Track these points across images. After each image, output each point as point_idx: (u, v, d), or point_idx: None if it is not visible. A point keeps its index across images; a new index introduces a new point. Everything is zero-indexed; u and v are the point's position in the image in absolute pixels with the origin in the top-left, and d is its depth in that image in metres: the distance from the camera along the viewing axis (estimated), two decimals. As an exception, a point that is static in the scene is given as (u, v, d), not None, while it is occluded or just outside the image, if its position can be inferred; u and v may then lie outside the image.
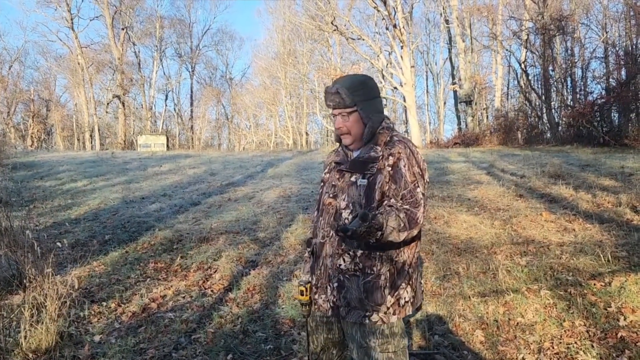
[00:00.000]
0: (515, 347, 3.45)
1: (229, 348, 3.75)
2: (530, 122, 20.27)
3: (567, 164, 10.12)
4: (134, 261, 5.98)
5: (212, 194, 9.74)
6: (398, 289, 2.08)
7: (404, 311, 2.10)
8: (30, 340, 3.66)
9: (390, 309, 2.06)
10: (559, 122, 19.22)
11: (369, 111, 2.14)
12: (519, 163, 10.94)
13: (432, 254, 5.46)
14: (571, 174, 8.89)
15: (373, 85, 2.21)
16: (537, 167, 9.86)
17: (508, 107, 25.41)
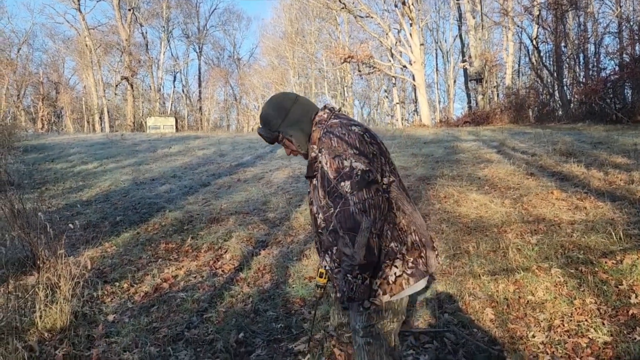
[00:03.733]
0: (526, 325, 3.45)
1: (240, 327, 3.80)
2: (541, 99, 19.97)
3: (579, 142, 10.00)
4: (145, 242, 6.03)
5: (221, 175, 9.76)
6: (382, 269, 1.98)
7: (397, 287, 1.99)
8: (45, 319, 3.72)
9: (378, 290, 1.99)
10: (571, 100, 18.93)
11: (291, 128, 2.15)
12: (530, 141, 10.82)
13: (441, 233, 5.45)
14: (583, 152, 8.78)
15: (279, 105, 2.18)
16: (548, 145, 9.74)
17: (519, 85, 25.07)
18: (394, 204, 2.00)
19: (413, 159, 9.68)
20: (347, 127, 2.03)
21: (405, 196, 2.10)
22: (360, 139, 1.99)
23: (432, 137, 13.14)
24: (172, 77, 43.86)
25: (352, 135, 1.99)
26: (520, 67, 28.94)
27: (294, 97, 2.21)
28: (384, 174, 2.02)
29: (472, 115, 20.73)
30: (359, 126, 2.07)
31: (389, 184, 2.03)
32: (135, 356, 3.37)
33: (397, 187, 2.05)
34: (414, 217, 2.07)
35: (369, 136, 2.04)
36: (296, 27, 35.89)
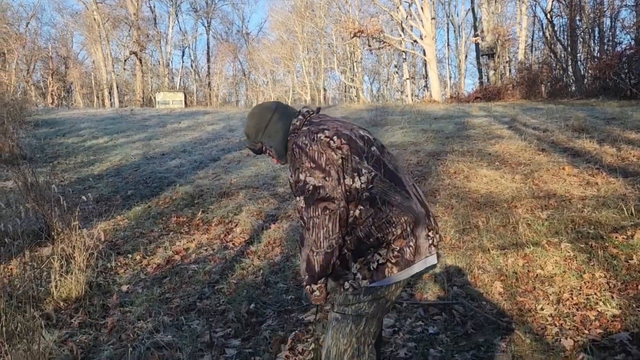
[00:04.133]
0: (534, 298, 3.47)
1: (251, 298, 3.86)
2: (554, 74, 19.66)
3: (592, 118, 9.87)
4: (156, 215, 6.10)
5: (231, 150, 9.78)
6: (364, 255, 1.95)
7: (379, 274, 1.94)
8: (60, 289, 3.80)
9: (358, 274, 1.96)
10: (585, 75, 18.61)
11: (270, 140, 2.17)
12: (542, 117, 10.70)
13: (451, 208, 5.46)
14: (596, 128, 8.68)
15: (258, 118, 2.19)
16: (560, 120, 9.63)
17: (532, 60, 24.66)
18: (378, 199, 1.93)
19: (423, 135, 9.63)
20: (311, 136, 1.99)
21: (394, 185, 2.00)
22: (323, 148, 1.94)
23: (443, 112, 13.03)
24: (181, 52, 43.67)
25: (313, 146, 1.95)
26: (533, 41, 28.40)
27: (272, 107, 2.21)
28: (360, 173, 1.94)
29: (483, 90, 20.48)
30: (328, 130, 2.00)
31: (370, 180, 1.95)
32: (149, 325, 3.44)
33: (381, 179, 1.97)
34: (406, 205, 1.97)
35: (337, 139, 1.97)
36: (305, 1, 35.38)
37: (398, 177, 2.05)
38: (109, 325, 3.51)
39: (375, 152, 2.05)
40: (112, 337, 3.35)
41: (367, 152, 2.02)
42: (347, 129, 2.05)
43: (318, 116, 2.18)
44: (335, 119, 2.19)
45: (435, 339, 3.16)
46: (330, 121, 2.12)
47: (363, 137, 2.07)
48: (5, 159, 8.85)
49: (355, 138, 2.03)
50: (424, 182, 6.52)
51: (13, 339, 2.85)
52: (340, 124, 2.09)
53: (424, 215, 2.03)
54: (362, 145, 2.02)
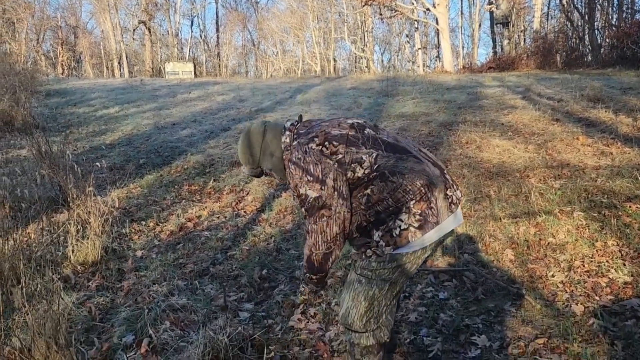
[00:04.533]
0: (545, 265, 3.49)
1: (263, 264, 3.91)
2: (570, 44, 19.25)
3: (608, 87, 9.70)
4: (168, 184, 6.16)
5: (241, 120, 9.77)
6: (386, 223, 1.96)
7: (402, 240, 1.93)
8: (77, 254, 3.88)
9: (381, 241, 1.95)
10: (602, 44, 18.19)
11: (268, 162, 2.20)
12: (557, 87, 10.54)
13: (462, 178, 5.44)
14: (612, 98, 8.53)
15: (250, 143, 2.20)
16: (575, 90, 9.47)
17: (547, 29, 24.12)
18: (387, 173, 1.92)
19: (435, 105, 9.53)
20: (303, 149, 1.99)
21: (399, 155, 1.98)
22: (317, 159, 1.95)
23: (455, 83, 12.86)
24: (190, 21, 43.25)
25: (307, 158, 1.97)
26: (549, 9, 27.70)
27: (261, 129, 2.20)
28: (360, 161, 1.94)
29: (497, 60, 20.13)
30: (317, 137, 2.00)
31: (374, 161, 1.95)
32: (164, 288, 3.51)
33: (384, 155, 1.96)
34: (418, 170, 1.96)
35: (329, 145, 1.97)
36: (316, -32, 34.70)
37: (401, 147, 2.03)
38: (125, 288, 3.58)
39: (369, 133, 2.04)
40: (129, 299, 3.42)
41: (362, 138, 2.01)
42: (335, 128, 2.04)
43: (303, 125, 2.16)
44: (321, 120, 2.17)
45: (445, 304, 3.20)
46: (316, 126, 2.10)
47: (353, 125, 2.06)
48: (18, 127, 8.92)
49: (346, 131, 2.02)
50: (435, 152, 6.49)
51: (33, 300, 2.93)
52: (327, 124, 2.08)
53: (438, 175, 2.00)
54: (354, 134, 2.01)
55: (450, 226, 2.03)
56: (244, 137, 2.23)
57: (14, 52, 24.65)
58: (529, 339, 2.75)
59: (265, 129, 2.18)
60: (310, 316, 3.14)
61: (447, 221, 1.99)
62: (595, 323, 2.76)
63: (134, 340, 2.89)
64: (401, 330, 2.94)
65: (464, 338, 2.82)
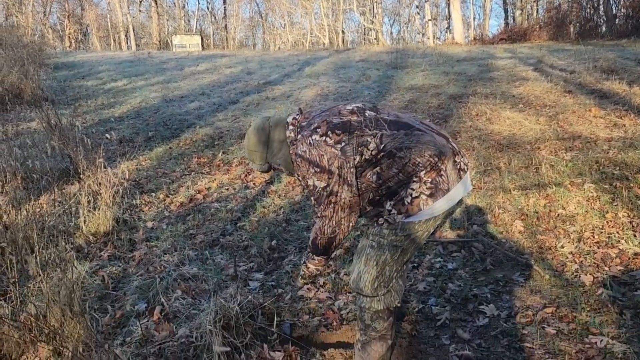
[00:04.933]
0: (555, 237, 3.48)
1: (272, 235, 3.94)
2: (584, 14, 18.78)
3: (622, 59, 9.51)
4: (177, 156, 6.17)
5: (249, 93, 9.72)
6: (397, 193, 1.98)
7: (414, 208, 1.95)
8: (89, 224, 3.93)
9: (393, 210, 1.98)
10: (617, 14, 17.76)
11: (276, 157, 2.22)
12: (570, 58, 10.35)
13: (472, 150, 5.40)
14: (625, 69, 8.37)
15: (256, 140, 2.21)
16: (589, 62, 9.30)
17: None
18: (394, 150, 1.94)
19: (445, 77, 9.42)
20: (307, 141, 2.01)
21: (403, 130, 1.99)
22: (322, 149, 1.97)
23: (466, 55, 12.66)
24: (196, -8, 42.52)
25: (312, 151, 1.99)
26: (563, -21, 27.01)
27: (267, 125, 2.20)
28: (366, 143, 1.96)
29: (508, 32, 19.77)
30: (320, 127, 2.01)
31: (379, 141, 1.96)
32: (175, 258, 3.55)
33: (388, 134, 1.97)
34: (424, 141, 1.97)
35: (332, 134, 1.98)
36: (324, -63, 33.93)
37: (403, 122, 2.04)
38: (136, 258, 3.63)
39: (370, 115, 2.05)
40: (140, 269, 3.47)
41: (364, 121, 2.02)
42: (335, 116, 2.05)
43: (304, 117, 2.17)
44: (322, 110, 2.17)
45: (454, 274, 3.21)
46: (317, 116, 2.11)
47: (353, 111, 2.07)
48: (27, 100, 8.93)
49: (347, 118, 2.03)
50: (445, 124, 6.44)
51: (47, 269, 2.98)
52: (327, 114, 2.08)
53: (445, 143, 2.02)
54: (356, 119, 2.02)
55: (461, 193, 2.04)
56: (249, 135, 2.25)
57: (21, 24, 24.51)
58: (537, 308, 2.76)
59: (270, 125, 2.20)
60: (320, 285, 3.17)
61: (457, 188, 2.01)
62: (604, 293, 2.77)
63: (146, 308, 2.94)
64: (410, 300, 2.97)
65: (472, 307, 2.85)
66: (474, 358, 2.40)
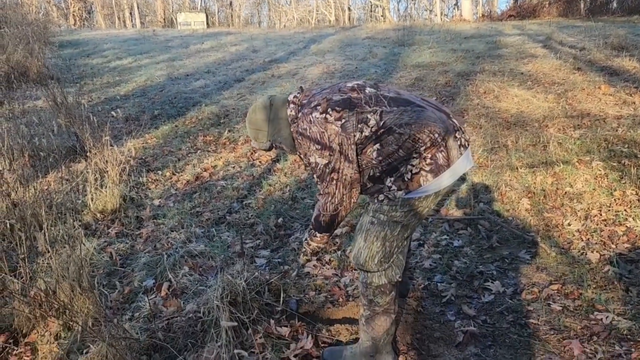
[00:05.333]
0: (562, 214, 3.47)
1: (279, 212, 3.95)
2: (595, -10, 18.43)
3: (634, 35, 9.33)
4: (183, 134, 6.17)
5: (255, 71, 9.65)
6: (398, 169, 1.97)
7: (414, 184, 1.95)
8: (97, 202, 3.95)
9: (393, 186, 1.97)
10: (629, -10, 17.40)
11: (277, 136, 2.20)
12: (580, 35, 10.18)
13: (479, 128, 5.36)
14: (636, 46, 8.22)
15: (258, 118, 2.21)
16: (599, 38, 9.14)
17: (572, -26, 23.05)
18: (394, 126, 1.94)
19: (452, 55, 9.30)
20: (308, 119, 2.02)
21: (403, 107, 1.98)
22: (323, 127, 1.98)
23: (473, 32, 12.47)
24: (201, -30, 41.94)
25: (313, 128, 2.01)
26: (574, -46, 26.41)
27: (267, 103, 2.20)
28: (366, 120, 1.96)
29: (517, 8, 19.42)
30: (320, 105, 2.01)
31: (379, 118, 1.95)
32: (182, 235, 3.57)
33: (388, 111, 1.97)
34: (424, 117, 1.96)
35: (332, 112, 1.98)
36: None
37: (403, 99, 2.04)
38: (143, 235, 3.66)
39: (370, 92, 2.05)
40: (148, 246, 3.50)
41: (364, 97, 2.02)
42: (336, 93, 2.05)
43: (304, 95, 2.17)
44: (322, 88, 2.17)
45: (459, 252, 3.22)
46: (317, 94, 2.11)
47: (353, 88, 2.07)
48: (33, 78, 8.92)
49: (347, 95, 2.03)
50: (452, 102, 6.38)
51: (56, 245, 3.00)
52: (327, 91, 2.09)
53: (445, 119, 2.01)
54: (356, 96, 2.02)
55: (462, 169, 2.04)
56: (251, 113, 2.25)
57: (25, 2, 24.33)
58: (543, 285, 2.77)
59: (271, 104, 2.20)
60: (326, 262, 3.19)
61: (457, 164, 2.00)
62: (611, 270, 2.77)
63: (154, 284, 2.98)
64: (415, 277, 2.98)
65: (477, 284, 2.86)
66: (479, 334, 2.42)
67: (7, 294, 2.62)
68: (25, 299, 2.56)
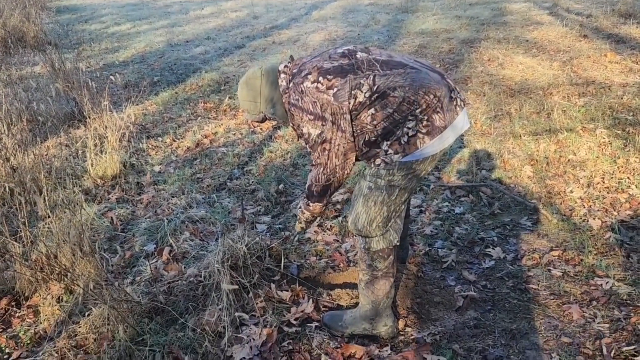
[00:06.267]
0: (564, 182, 3.45)
1: (280, 179, 3.93)
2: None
3: (642, 2, 9.14)
4: (183, 101, 6.10)
5: (256, 37, 9.49)
6: (394, 134, 1.94)
7: (411, 147, 1.92)
8: (97, 167, 3.93)
9: (389, 150, 1.94)
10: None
11: (269, 107, 2.17)
12: (587, 1, 9.96)
13: (483, 95, 5.29)
14: (645, 13, 8.07)
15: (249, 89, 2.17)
16: (606, 5, 8.94)
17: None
18: (388, 90, 1.90)
19: (456, 22, 9.12)
20: (299, 89, 1.98)
21: (396, 70, 1.93)
22: (314, 96, 1.94)
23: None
24: None
25: (305, 98, 1.97)
26: None
27: (258, 74, 2.15)
28: (359, 86, 1.91)
29: (524, -25, 18.96)
30: (310, 74, 1.97)
31: (372, 83, 1.91)
32: (183, 201, 3.57)
33: (381, 74, 1.92)
34: (418, 79, 1.92)
35: (323, 80, 1.93)
36: None
37: (396, 62, 1.99)
38: (144, 201, 3.65)
39: (361, 56, 2.00)
40: (148, 211, 3.50)
41: (355, 63, 1.97)
42: (326, 61, 2.00)
43: (295, 64, 2.12)
44: (312, 56, 2.11)
45: (461, 218, 3.21)
46: (308, 62, 2.06)
47: (344, 54, 2.02)
48: (31, 44, 8.79)
49: (338, 62, 1.98)
50: (456, 69, 6.29)
51: (56, 210, 3.00)
52: (318, 59, 2.04)
53: (439, 80, 1.96)
54: (347, 62, 1.97)
55: (459, 130, 2.02)
56: (242, 84, 2.21)
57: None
58: (544, 251, 2.77)
59: (262, 74, 2.16)
60: (327, 228, 3.19)
61: (454, 125, 1.98)
62: (612, 237, 2.77)
63: (155, 249, 2.99)
64: (416, 243, 2.99)
65: (478, 250, 2.86)
66: (479, 298, 2.43)
67: (8, 258, 2.63)
68: (26, 262, 2.57)
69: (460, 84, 5.67)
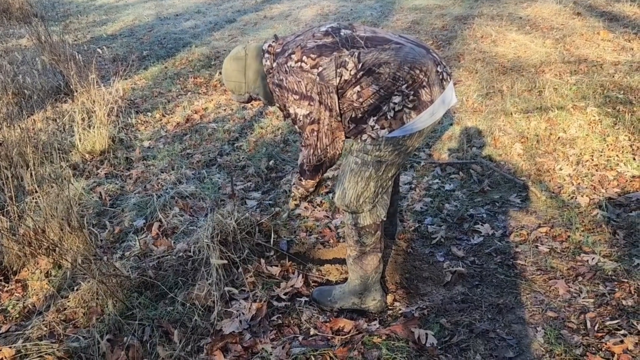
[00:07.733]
0: (554, 159, 3.46)
1: (270, 155, 3.91)
2: None
3: (636, -20, 9.08)
4: (173, 76, 6.03)
5: (247, 12, 9.35)
6: (380, 109, 1.92)
7: (397, 122, 1.91)
8: (85, 142, 3.89)
9: (376, 125, 1.92)
10: None
11: (255, 88, 2.15)
12: (581, -21, 9.88)
13: (475, 73, 5.27)
14: (639, -10, 8.01)
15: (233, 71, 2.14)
16: (601, -18, 8.88)
17: None
18: (373, 67, 1.88)
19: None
20: (283, 69, 1.96)
21: (380, 46, 1.92)
22: (299, 76, 1.93)
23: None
24: None
25: (289, 78, 1.95)
26: None
27: (242, 54, 2.12)
28: (344, 64, 1.89)
29: (519, -50, 18.73)
30: (294, 53, 1.94)
31: (357, 60, 1.89)
32: (172, 177, 3.55)
33: (366, 51, 1.90)
34: (403, 54, 1.90)
35: (307, 59, 1.91)
36: None
37: (380, 37, 1.96)
38: (133, 176, 3.63)
39: (345, 34, 1.97)
40: (138, 187, 3.48)
41: (340, 41, 1.94)
42: (310, 39, 1.97)
43: (279, 44, 2.08)
44: (296, 35, 2.07)
45: (450, 195, 3.23)
46: (291, 42, 2.02)
47: (327, 32, 1.98)
48: (16, 16, 8.60)
49: (322, 41, 1.94)
50: (449, 46, 6.24)
51: (43, 185, 2.97)
52: (301, 38, 2.00)
53: (425, 54, 1.94)
54: (331, 41, 1.94)
55: (446, 106, 2.00)
56: (226, 65, 2.17)
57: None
58: (532, 227, 2.79)
59: (246, 54, 2.12)
60: (317, 205, 3.19)
61: (440, 99, 1.96)
62: (599, 214, 2.79)
63: (144, 224, 2.98)
64: (406, 219, 3.00)
65: (467, 226, 2.88)
66: (467, 274, 2.46)
67: (-5, 232, 2.60)
68: (14, 237, 2.55)
69: (452, 61, 5.64)
